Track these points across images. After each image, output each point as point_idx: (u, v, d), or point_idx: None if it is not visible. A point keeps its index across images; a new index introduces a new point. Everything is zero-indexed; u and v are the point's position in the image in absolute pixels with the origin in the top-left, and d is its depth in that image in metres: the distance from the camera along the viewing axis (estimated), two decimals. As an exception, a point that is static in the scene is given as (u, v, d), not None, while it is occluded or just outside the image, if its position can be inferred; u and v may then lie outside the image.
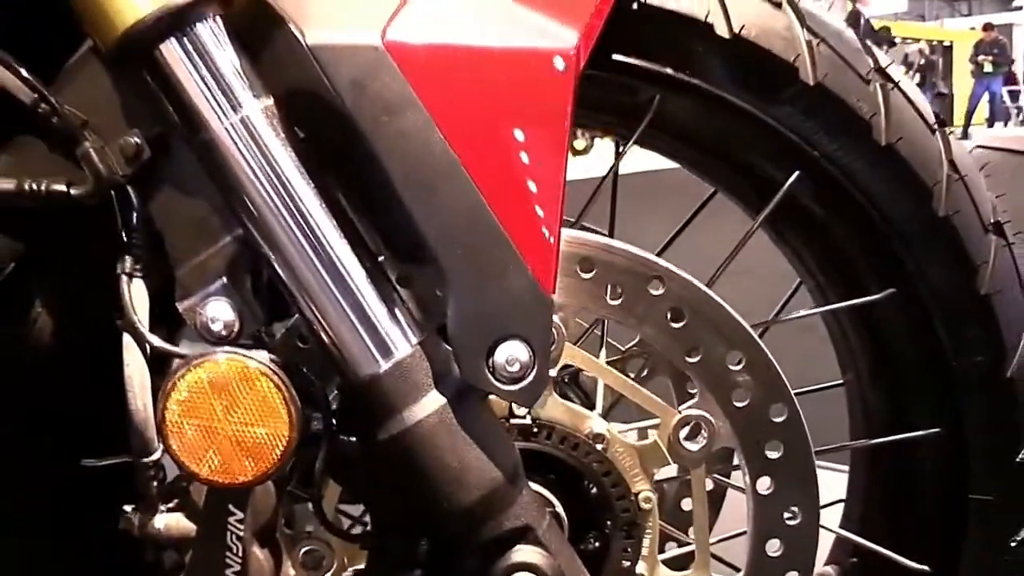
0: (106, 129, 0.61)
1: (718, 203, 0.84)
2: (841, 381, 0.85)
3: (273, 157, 0.56)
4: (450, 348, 0.59)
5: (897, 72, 0.71)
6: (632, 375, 0.87)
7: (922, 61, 15.41)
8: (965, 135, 14.10)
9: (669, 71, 0.67)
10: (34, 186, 0.62)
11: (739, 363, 0.67)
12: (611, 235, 0.83)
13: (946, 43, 19.59)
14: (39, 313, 0.69)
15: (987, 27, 15.35)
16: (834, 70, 0.67)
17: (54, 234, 0.66)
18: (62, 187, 0.62)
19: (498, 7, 0.59)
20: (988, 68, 14.65)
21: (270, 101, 0.57)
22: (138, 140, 0.60)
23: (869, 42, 0.72)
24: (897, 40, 15.60)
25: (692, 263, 0.69)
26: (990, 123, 15.14)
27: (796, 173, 0.69)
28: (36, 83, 0.62)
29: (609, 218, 0.82)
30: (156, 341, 0.59)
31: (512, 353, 0.58)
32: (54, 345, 0.69)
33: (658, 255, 0.82)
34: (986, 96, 15.12)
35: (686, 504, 0.89)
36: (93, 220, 0.63)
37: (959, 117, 16.10)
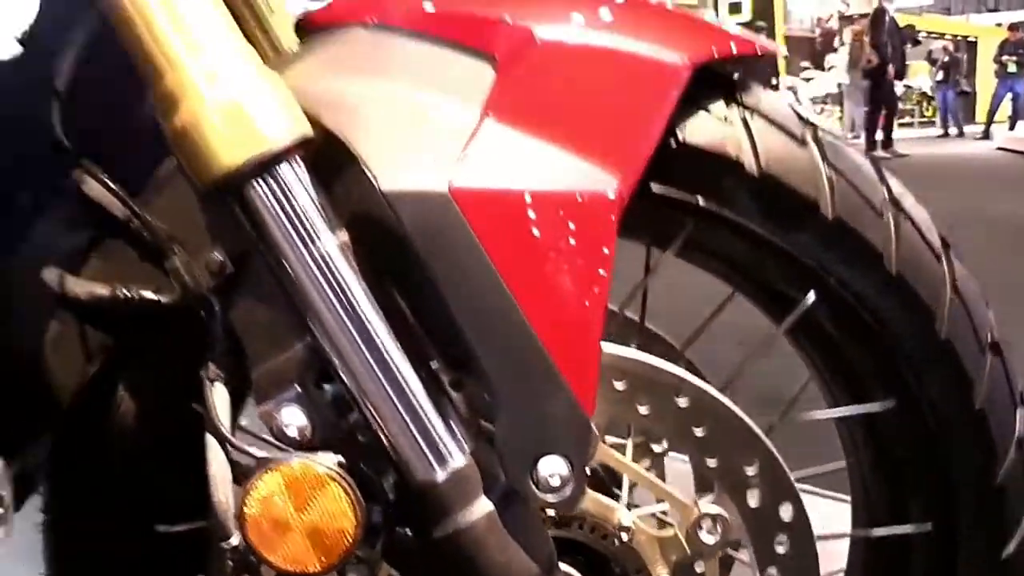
0: (192, 244, 0.69)
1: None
2: (843, 464, 0.92)
3: (347, 286, 0.64)
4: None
5: (908, 200, 0.77)
6: (656, 448, 0.94)
7: (946, 58, 15.35)
8: (987, 135, 14.05)
9: (701, 202, 0.74)
10: (126, 293, 0.70)
11: (753, 467, 0.74)
12: (641, 327, 0.91)
13: (971, 39, 19.46)
14: (123, 397, 0.76)
15: (1013, 27, 15.23)
16: (851, 204, 0.74)
17: (140, 329, 0.74)
18: (151, 295, 0.70)
19: (549, 155, 0.66)
20: (1012, 68, 14.57)
21: (345, 236, 0.64)
22: (221, 257, 0.68)
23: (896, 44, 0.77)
24: (921, 37, 15.51)
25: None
26: (1012, 123, 15.05)
27: (811, 295, 0.76)
28: (129, 201, 0.69)
29: (639, 320, 0.90)
30: (239, 444, 0.66)
31: (554, 468, 0.65)
32: (137, 427, 0.76)
33: (683, 348, 0.90)
34: (1009, 96, 15.04)
35: (699, 567, 0.96)
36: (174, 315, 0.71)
37: (981, 115, 16.02)
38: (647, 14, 0.73)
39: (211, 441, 0.67)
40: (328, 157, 0.66)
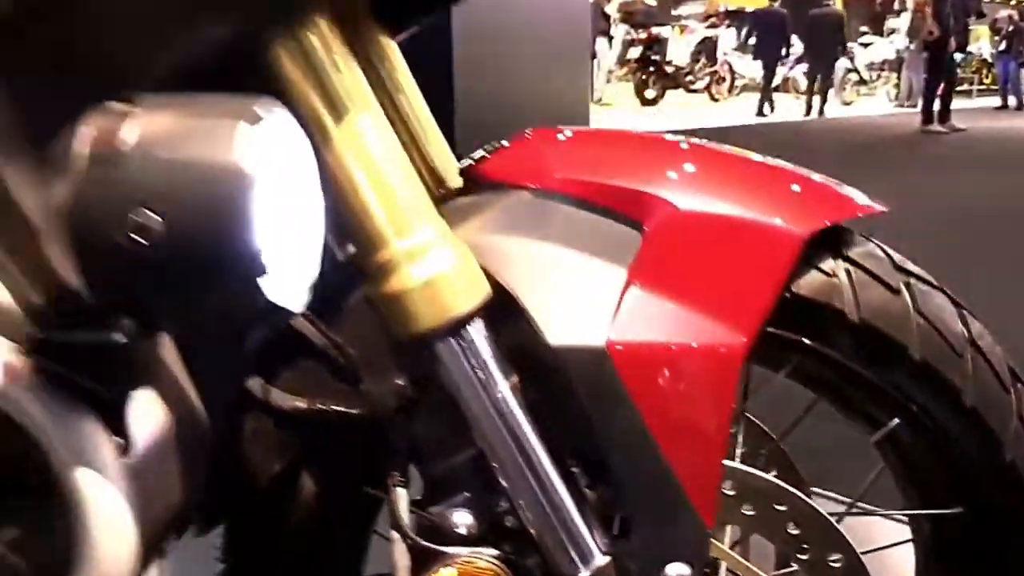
0: (380, 370, 0.83)
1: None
2: (910, 538, 1.05)
3: (515, 421, 0.77)
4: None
5: (985, 340, 0.89)
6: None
7: (1010, 28, 15.02)
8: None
9: (806, 341, 0.86)
10: (320, 406, 0.85)
11: (836, 561, 0.88)
12: (745, 420, 1.04)
13: (1038, 5, 18.93)
14: (306, 482, 0.91)
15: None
16: (935, 346, 0.86)
17: (326, 432, 0.88)
18: (342, 409, 0.84)
19: (683, 314, 0.78)
20: (1079, 40, 14.24)
21: (515, 378, 0.78)
22: (405, 384, 0.82)
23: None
24: (986, 4, 15.18)
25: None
26: (1075, 97, 14.75)
27: (896, 420, 0.89)
28: (329, 334, 0.83)
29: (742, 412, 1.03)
30: (419, 540, 0.81)
31: (678, 571, 0.79)
32: (316, 508, 0.91)
33: (780, 438, 1.03)
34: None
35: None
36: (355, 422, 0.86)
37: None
38: (772, 181, 0.86)
39: (395, 534, 0.82)
40: (504, 317, 0.78)
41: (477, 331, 0.76)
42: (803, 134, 11.56)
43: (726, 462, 0.87)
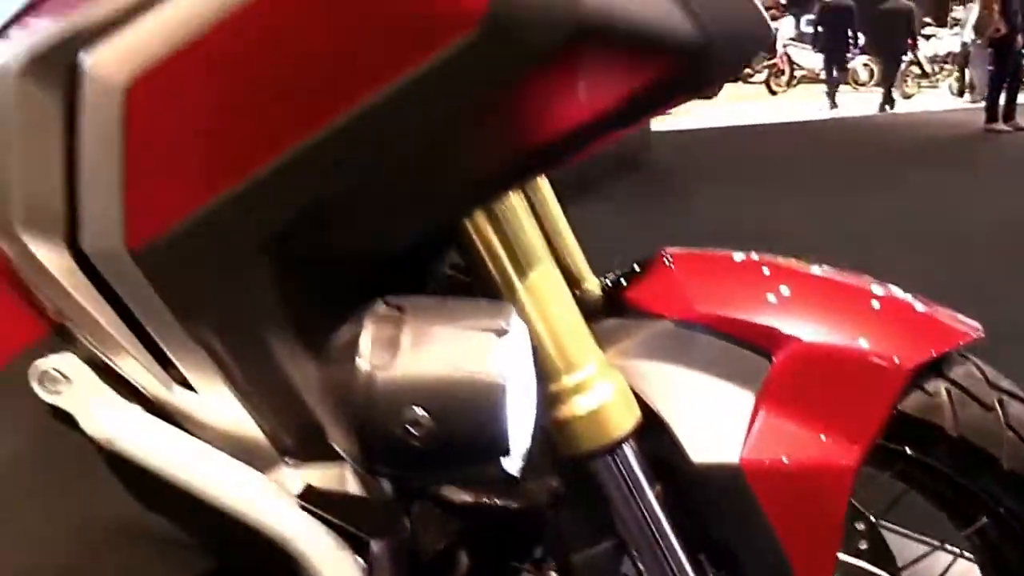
0: (538, 472, 0.97)
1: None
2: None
3: (657, 520, 0.90)
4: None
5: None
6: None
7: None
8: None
9: (908, 451, 0.98)
10: (485, 500, 0.99)
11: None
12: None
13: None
14: (462, 558, 1.05)
15: None
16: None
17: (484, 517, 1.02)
18: (502, 503, 0.98)
19: (803, 435, 0.91)
20: None
21: (658, 487, 0.91)
22: (559, 485, 0.96)
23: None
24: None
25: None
26: None
27: (984, 519, 1.01)
28: None
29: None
30: (571, 615, 0.95)
31: (790, 651, 0.92)
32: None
33: (880, 517, 1.15)
34: None
35: None
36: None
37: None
38: (883, 312, 0.97)
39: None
40: (648, 431, 0.92)
41: (631, 449, 0.89)
42: (873, 131, 11.49)
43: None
